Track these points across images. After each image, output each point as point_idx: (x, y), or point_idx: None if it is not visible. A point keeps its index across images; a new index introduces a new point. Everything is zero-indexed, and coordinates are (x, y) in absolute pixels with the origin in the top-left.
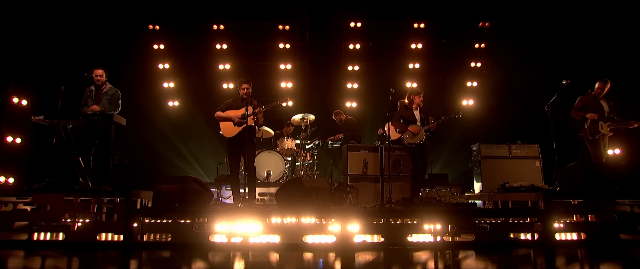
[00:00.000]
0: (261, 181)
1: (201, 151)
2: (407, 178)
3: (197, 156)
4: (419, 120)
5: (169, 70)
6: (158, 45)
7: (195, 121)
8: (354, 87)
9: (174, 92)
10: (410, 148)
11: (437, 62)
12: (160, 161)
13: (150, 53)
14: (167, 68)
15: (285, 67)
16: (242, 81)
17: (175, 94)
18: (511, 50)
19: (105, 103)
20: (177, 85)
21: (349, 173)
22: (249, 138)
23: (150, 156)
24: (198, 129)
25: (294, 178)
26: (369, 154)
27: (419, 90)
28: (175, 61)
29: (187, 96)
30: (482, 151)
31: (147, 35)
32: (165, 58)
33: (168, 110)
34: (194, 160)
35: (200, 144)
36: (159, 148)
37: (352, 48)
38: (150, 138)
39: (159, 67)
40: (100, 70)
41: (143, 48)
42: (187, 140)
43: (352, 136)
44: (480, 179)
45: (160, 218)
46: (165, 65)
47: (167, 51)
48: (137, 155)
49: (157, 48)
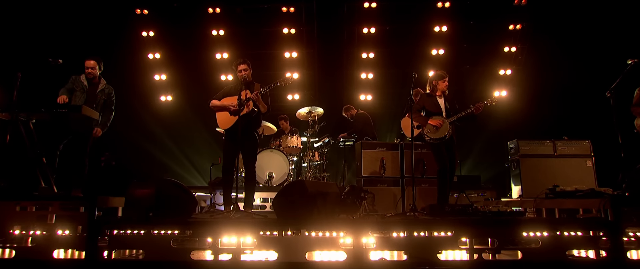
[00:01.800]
0: (263, 184)
1: (197, 152)
2: (432, 180)
3: (193, 157)
4: (444, 110)
5: (160, 61)
6: (147, 32)
7: (191, 117)
8: (368, 77)
9: (167, 84)
10: (434, 145)
11: (465, 47)
12: (152, 163)
13: (138, 42)
14: (158, 59)
15: (290, 55)
16: (238, 62)
17: (168, 87)
18: (553, 31)
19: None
20: (169, 77)
21: (363, 175)
22: (248, 130)
23: (139, 157)
24: (194, 126)
25: (296, 181)
26: (387, 152)
27: (443, 73)
28: (166, 50)
29: (181, 89)
30: (520, 148)
31: (135, 20)
32: (156, 47)
33: (160, 105)
34: (188, 162)
35: (196, 143)
36: (149, 148)
37: (366, 33)
38: (140, 137)
39: (149, 57)
40: (92, 61)
41: (130, 35)
42: (181, 139)
43: (364, 132)
44: (519, 181)
45: (131, 230)
46: (156, 54)
47: (158, 39)
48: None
49: (146, 35)
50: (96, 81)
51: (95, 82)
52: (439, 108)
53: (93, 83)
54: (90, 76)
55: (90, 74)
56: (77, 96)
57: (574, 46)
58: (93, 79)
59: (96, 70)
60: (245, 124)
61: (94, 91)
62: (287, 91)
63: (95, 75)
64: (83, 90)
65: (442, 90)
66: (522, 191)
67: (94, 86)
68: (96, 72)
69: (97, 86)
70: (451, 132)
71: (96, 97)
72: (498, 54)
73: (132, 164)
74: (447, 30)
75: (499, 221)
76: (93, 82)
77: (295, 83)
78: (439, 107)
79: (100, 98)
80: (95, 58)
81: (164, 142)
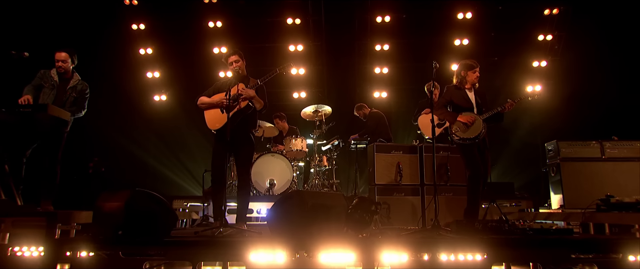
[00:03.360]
0: (263, 193)
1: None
2: (457, 188)
3: (189, 163)
4: (475, 105)
5: (153, 57)
6: (137, 25)
7: (187, 118)
8: (383, 72)
9: (160, 83)
10: (464, 147)
11: (492, 37)
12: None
13: (128, 36)
14: (150, 54)
15: (295, 49)
16: (229, 54)
17: (161, 86)
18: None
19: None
20: (163, 74)
21: (376, 183)
22: (242, 131)
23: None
24: (190, 129)
25: (293, 193)
26: (404, 156)
27: (473, 63)
28: (159, 45)
29: (177, 88)
30: (561, 150)
31: (124, 12)
32: (147, 42)
33: (154, 105)
34: (184, 168)
35: (192, 147)
36: (141, 153)
37: (380, 22)
38: (131, 140)
39: (140, 52)
40: (64, 53)
41: (119, 29)
42: (176, 143)
43: (378, 133)
44: (560, 189)
45: (95, 251)
46: (148, 50)
47: (149, 32)
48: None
49: (136, 28)
50: (68, 76)
51: (67, 77)
52: (470, 102)
53: (64, 79)
54: (61, 70)
55: (62, 68)
56: (45, 93)
57: (620, 32)
58: (65, 74)
59: (68, 63)
60: (238, 123)
61: (64, 87)
62: (292, 88)
63: (67, 70)
64: (53, 87)
65: (472, 83)
66: (563, 201)
67: (65, 82)
68: (68, 66)
69: (68, 82)
70: (485, 131)
71: (66, 93)
72: (531, 43)
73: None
74: (472, 17)
75: (544, 242)
76: (64, 77)
77: (302, 79)
78: (469, 102)
79: (69, 95)
80: (67, 50)
81: (157, 146)
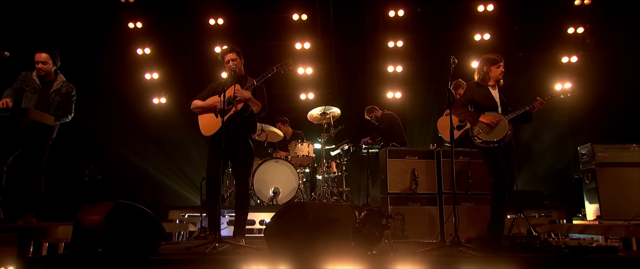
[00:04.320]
0: (266, 202)
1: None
2: (479, 197)
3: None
4: (499, 104)
5: (151, 57)
6: (134, 23)
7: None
8: (396, 71)
9: (159, 84)
10: (488, 150)
11: (516, 31)
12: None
13: (125, 35)
14: (148, 54)
15: (302, 47)
16: (226, 51)
17: (160, 88)
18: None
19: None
20: (162, 75)
21: (389, 192)
22: (239, 136)
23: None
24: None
25: (294, 204)
26: (419, 162)
27: (497, 57)
28: (157, 44)
29: (176, 90)
30: (596, 155)
31: (119, 9)
32: (145, 41)
33: (153, 109)
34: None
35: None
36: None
37: (394, 16)
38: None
39: (138, 52)
40: (44, 54)
41: (115, 27)
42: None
43: (391, 136)
44: (596, 198)
45: None
46: (146, 49)
47: (147, 31)
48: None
49: (133, 27)
50: (51, 78)
51: (49, 80)
52: (493, 101)
53: (47, 82)
54: (41, 72)
55: (42, 70)
56: (27, 97)
57: None
58: (46, 76)
59: (49, 65)
60: (234, 128)
61: (47, 91)
62: (299, 89)
63: (48, 72)
64: (35, 90)
65: (496, 79)
66: (600, 212)
67: (47, 85)
68: (50, 68)
69: (51, 85)
70: (511, 133)
71: (49, 97)
72: (560, 37)
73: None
74: (494, 10)
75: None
76: (46, 79)
77: (309, 79)
78: (493, 100)
79: (53, 98)
80: (48, 51)
81: (156, 152)
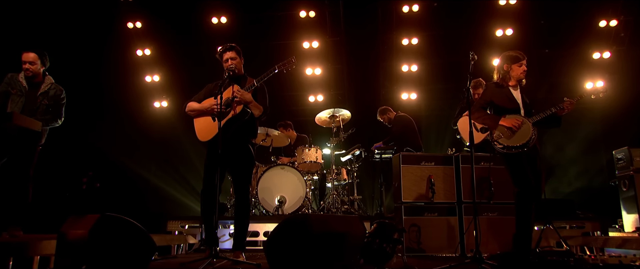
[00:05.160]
0: (272, 212)
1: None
2: (503, 207)
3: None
4: (521, 105)
5: (152, 58)
6: (133, 22)
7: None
8: (411, 70)
9: (160, 87)
10: (510, 157)
11: (542, 25)
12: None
13: (123, 35)
14: (148, 56)
15: (310, 46)
16: (224, 49)
17: (161, 91)
18: None
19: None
20: (163, 78)
21: (403, 201)
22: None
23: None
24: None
25: (297, 217)
26: (436, 168)
27: (519, 54)
28: (158, 45)
29: (178, 93)
30: (634, 160)
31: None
32: (145, 42)
33: (154, 113)
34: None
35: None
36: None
37: (408, 12)
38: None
39: (138, 53)
40: (32, 54)
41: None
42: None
43: (405, 140)
44: (635, 207)
45: None
46: (146, 50)
47: (147, 31)
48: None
49: (132, 27)
50: (38, 80)
51: (36, 82)
52: (515, 102)
53: (34, 84)
54: (28, 74)
55: (30, 71)
56: (13, 101)
57: None
58: (33, 78)
59: (37, 65)
60: (232, 133)
61: (34, 94)
62: (307, 91)
63: (36, 73)
64: (21, 93)
65: (518, 79)
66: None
67: (35, 87)
68: (37, 69)
69: (38, 87)
70: (535, 137)
71: (37, 100)
72: (590, 31)
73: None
74: (517, 2)
75: None
76: (34, 81)
77: (318, 80)
78: (514, 101)
79: (40, 102)
80: (36, 51)
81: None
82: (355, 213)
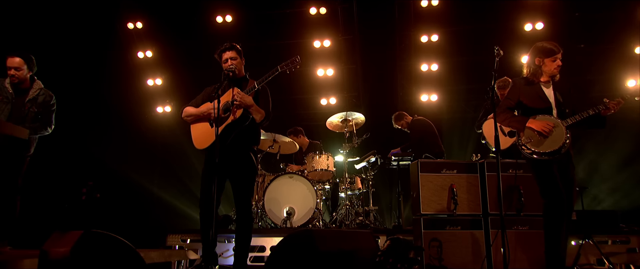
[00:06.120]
0: (280, 225)
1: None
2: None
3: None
4: (554, 105)
5: (153, 60)
6: (134, 23)
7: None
8: (431, 69)
9: (163, 91)
10: (538, 164)
11: (576, 17)
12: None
13: (124, 36)
14: (150, 58)
15: (321, 45)
16: (224, 48)
17: (165, 95)
18: None
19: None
20: (166, 81)
21: (422, 213)
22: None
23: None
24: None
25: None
26: (459, 176)
27: (553, 46)
28: (160, 46)
29: (182, 97)
30: None
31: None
32: (147, 43)
33: (157, 118)
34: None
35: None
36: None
37: (427, 6)
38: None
39: (139, 55)
40: (17, 58)
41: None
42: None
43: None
44: None
45: None
46: (147, 52)
47: (148, 32)
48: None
49: (132, 27)
50: (25, 86)
51: (23, 88)
52: (547, 101)
53: (21, 90)
54: (15, 80)
55: (15, 77)
56: None
57: None
58: (20, 84)
59: (23, 71)
60: (232, 140)
61: (22, 100)
62: (319, 93)
63: (22, 79)
64: (7, 100)
65: (551, 74)
66: None
67: (22, 93)
68: (24, 74)
69: (26, 93)
70: (569, 142)
71: (24, 107)
72: (633, 23)
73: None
74: None
75: None
76: (21, 87)
77: (330, 82)
78: (546, 100)
79: (28, 109)
80: (22, 55)
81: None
82: (371, 225)
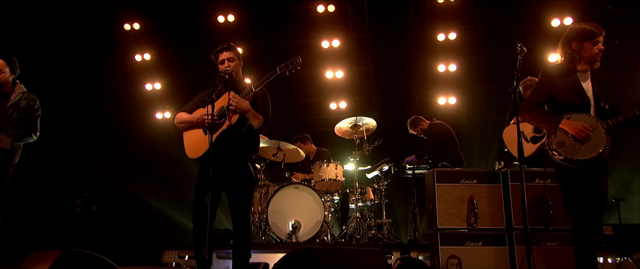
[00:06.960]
0: (284, 240)
1: None
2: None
3: None
4: (593, 100)
5: (152, 63)
6: (131, 24)
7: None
8: (449, 70)
9: (162, 96)
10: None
11: (609, 11)
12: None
13: (120, 38)
14: (148, 61)
15: (330, 45)
16: (220, 49)
17: (164, 100)
18: None
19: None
20: (165, 85)
21: (439, 227)
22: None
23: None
24: None
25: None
26: (479, 187)
27: (595, 28)
28: (158, 49)
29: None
30: None
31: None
32: (145, 45)
33: (156, 125)
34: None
35: None
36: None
37: (443, 2)
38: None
39: (136, 58)
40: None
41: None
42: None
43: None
44: None
45: None
46: (145, 55)
47: (146, 33)
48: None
49: (129, 29)
50: (7, 90)
51: (5, 92)
52: (584, 96)
53: (2, 94)
54: None
55: None
56: None
57: None
58: (2, 88)
59: (6, 74)
60: (227, 148)
61: (3, 106)
62: (328, 97)
63: (4, 82)
64: None
65: (591, 61)
66: None
67: (3, 98)
68: (6, 77)
69: (7, 98)
70: (608, 148)
71: (6, 113)
72: None
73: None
74: None
75: None
76: (2, 91)
77: (340, 84)
78: (582, 95)
79: (10, 115)
80: (4, 57)
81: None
82: (384, 240)
